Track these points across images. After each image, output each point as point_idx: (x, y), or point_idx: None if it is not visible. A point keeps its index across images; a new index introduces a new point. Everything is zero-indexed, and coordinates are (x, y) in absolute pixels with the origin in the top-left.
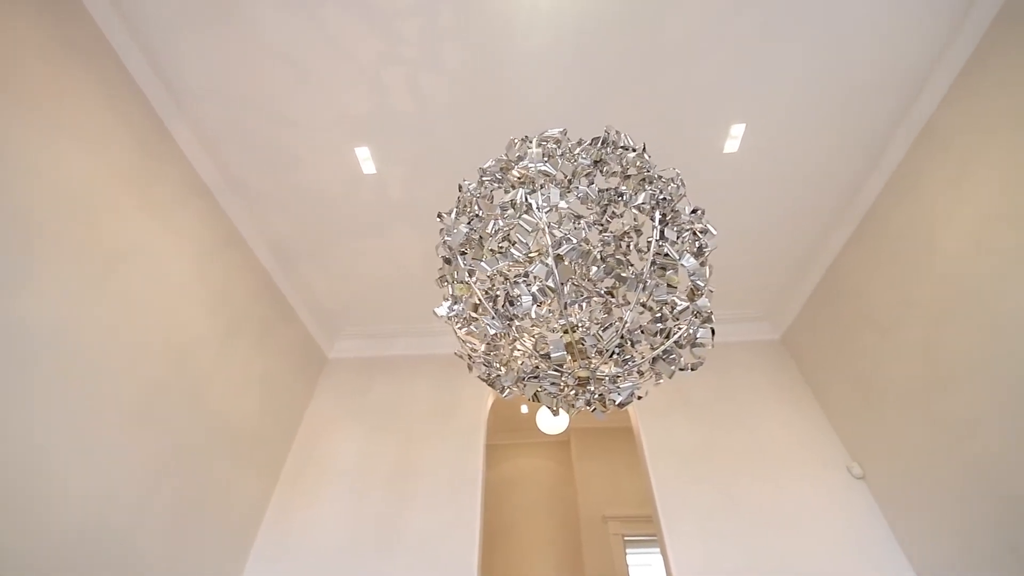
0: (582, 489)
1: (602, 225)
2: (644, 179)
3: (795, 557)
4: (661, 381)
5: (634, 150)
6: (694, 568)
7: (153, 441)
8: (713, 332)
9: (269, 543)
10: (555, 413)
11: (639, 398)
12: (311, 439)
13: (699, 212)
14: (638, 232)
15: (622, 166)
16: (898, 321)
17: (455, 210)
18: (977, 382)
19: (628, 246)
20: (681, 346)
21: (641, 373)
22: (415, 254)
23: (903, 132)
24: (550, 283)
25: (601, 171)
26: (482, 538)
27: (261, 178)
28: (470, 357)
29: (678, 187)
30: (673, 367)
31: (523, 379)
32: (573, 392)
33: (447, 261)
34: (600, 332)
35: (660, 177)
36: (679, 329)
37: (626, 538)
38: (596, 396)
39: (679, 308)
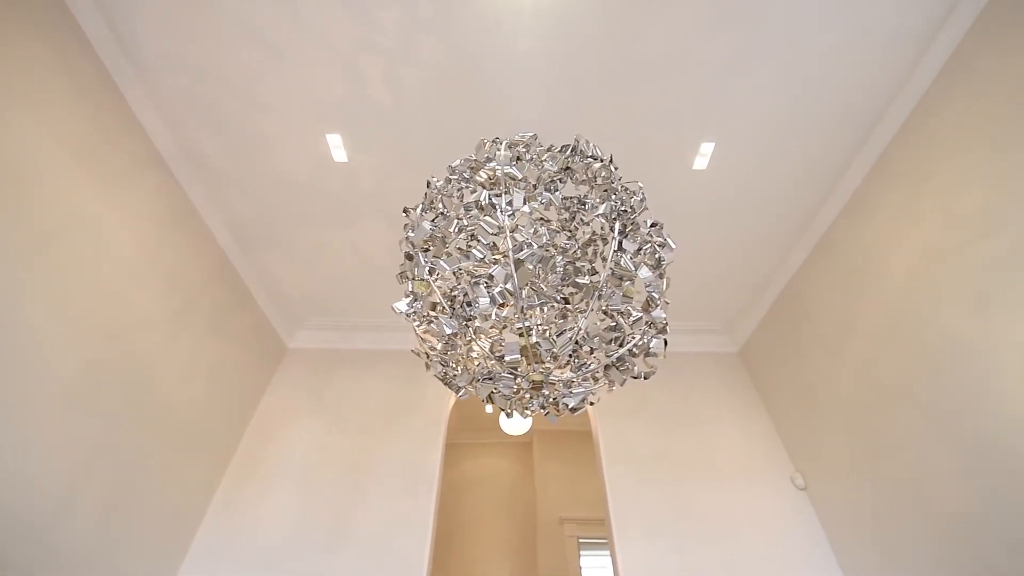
0: (541, 490)
1: (570, 232)
2: (607, 189)
3: (737, 563)
4: (614, 388)
5: (601, 160)
6: (641, 570)
7: (85, 426)
8: (666, 343)
9: (211, 537)
10: (509, 415)
11: (591, 403)
12: (264, 430)
13: (658, 226)
14: (604, 241)
15: (587, 175)
16: (843, 342)
17: (421, 206)
18: (908, 404)
19: (594, 253)
20: (635, 355)
21: (596, 379)
22: (383, 247)
23: (859, 163)
24: (509, 286)
25: (569, 179)
26: (436, 537)
27: (224, 156)
28: (427, 355)
29: (641, 200)
30: (625, 375)
31: (478, 380)
32: (528, 395)
33: (409, 257)
34: (555, 337)
35: (625, 189)
36: (633, 338)
37: (581, 540)
38: (550, 400)
39: (633, 318)
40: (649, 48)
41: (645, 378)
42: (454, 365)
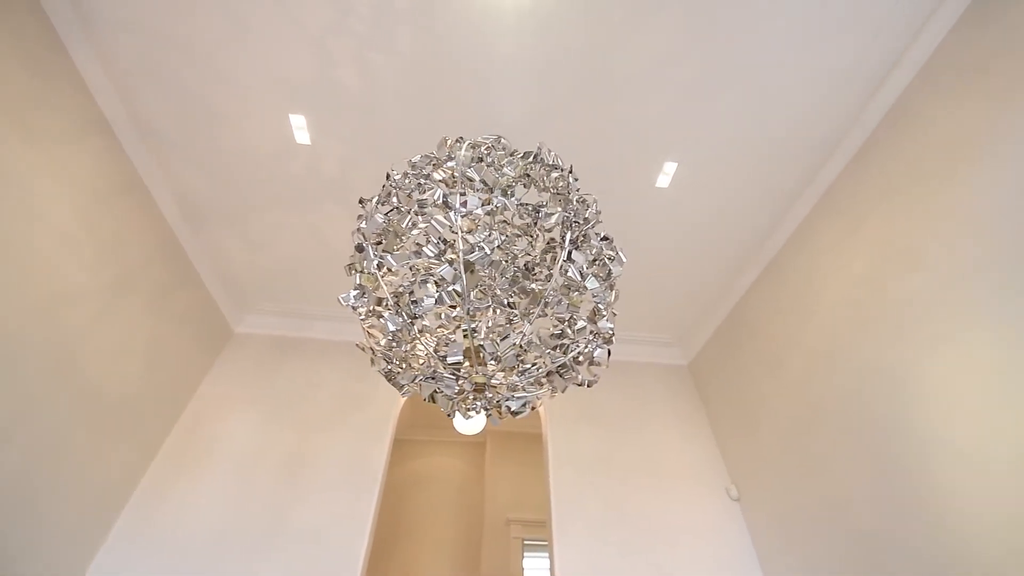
0: (490, 491)
1: (532, 237)
2: (562, 199)
3: (669, 568)
4: (556, 394)
5: (560, 169)
6: (575, 570)
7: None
8: (609, 353)
9: (133, 525)
10: (450, 416)
11: (533, 408)
12: (201, 416)
13: (609, 240)
14: (563, 248)
15: (544, 184)
16: (783, 362)
17: (377, 197)
18: (836, 425)
19: (552, 260)
20: (579, 362)
21: (540, 384)
22: (343, 235)
23: (808, 193)
24: (457, 287)
25: (527, 185)
26: (376, 534)
27: (178, 127)
28: (372, 350)
29: (596, 212)
30: (568, 382)
31: (422, 379)
32: (471, 397)
33: (359, 249)
34: (499, 341)
35: (583, 200)
36: (577, 346)
37: (525, 541)
38: (495, 403)
39: (578, 326)
40: (623, 64)
41: (588, 386)
42: (398, 362)
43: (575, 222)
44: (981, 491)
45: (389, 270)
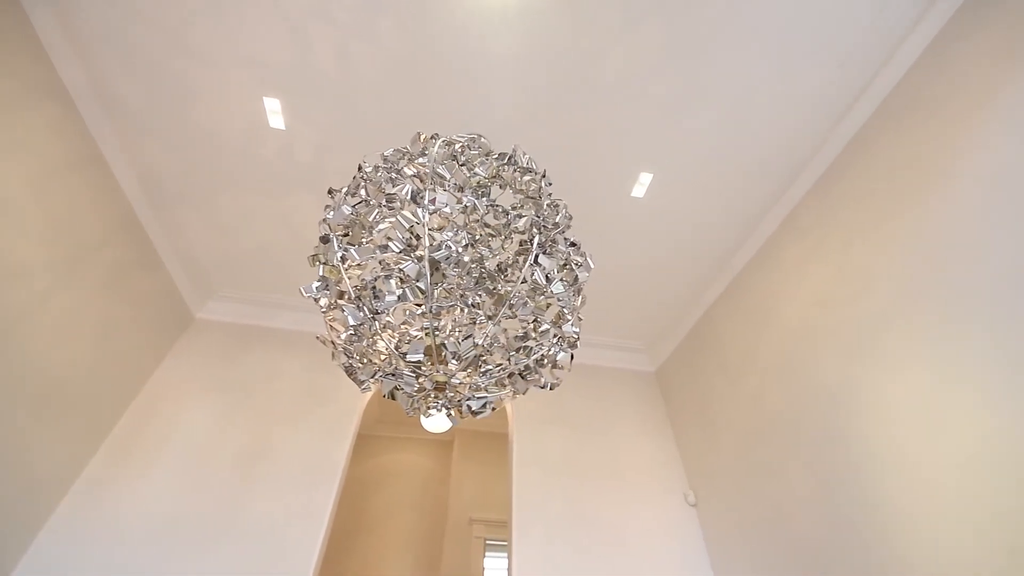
0: (455, 490)
1: (506, 237)
2: (533, 202)
3: (624, 570)
4: (518, 396)
5: (533, 172)
6: (533, 570)
7: None
8: (572, 356)
9: (75, 513)
10: (409, 413)
11: (494, 409)
12: (155, 402)
13: (577, 246)
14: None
15: (515, 186)
16: (742, 374)
17: (347, 188)
18: (785, 436)
19: (523, 261)
20: (543, 365)
21: (503, 385)
22: (314, 224)
23: (774, 212)
24: (420, 284)
25: (503, 186)
26: (335, 530)
27: (144, 102)
28: (333, 344)
29: (567, 217)
30: (530, 384)
31: (382, 376)
32: (432, 395)
33: (324, 240)
34: (460, 340)
35: (555, 205)
36: (541, 349)
37: (488, 541)
38: (456, 402)
39: (542, 329)
40: (606, 72)
41: (551, 388)
42: (358, 357)
43: (543, 226)
44: (917, 501)
45: (357, 264)
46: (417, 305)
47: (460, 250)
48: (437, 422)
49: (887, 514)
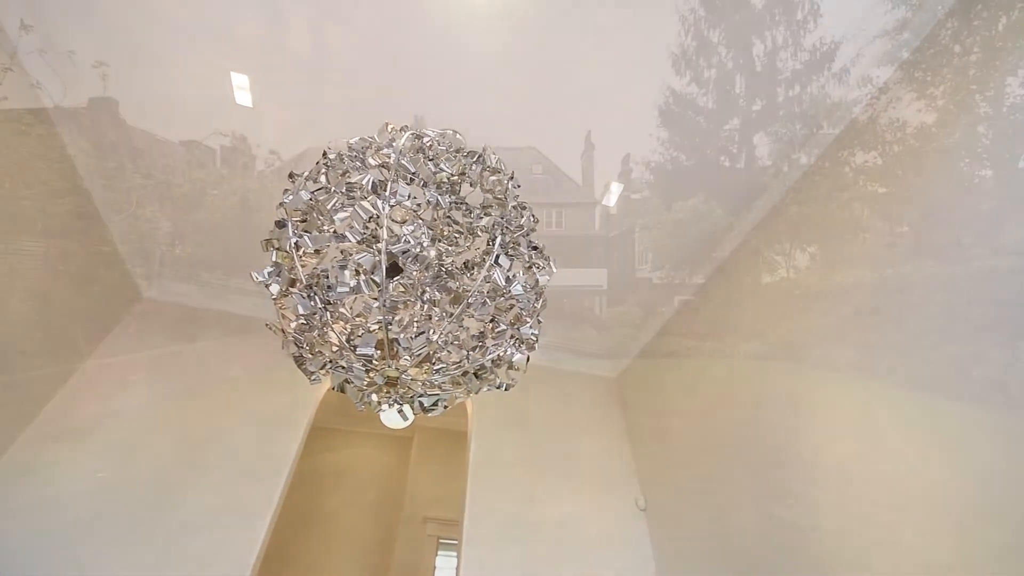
0: (411, 487)
1: (473, 236)
2: (499, 203)
3: (570, 572)
4: (471, 395)
5: (500, 172)
6: (479, 570)
7: None
8: (528, 358)
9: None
10: (359, 407)
11: (447, 406)
12: (94, 379)
13: (540, 249)
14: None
15: (483, 186)
16: (696, 387)
17: (307, 174)
18: (731, 448)
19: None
20: (498, 365)
21: (458, 383)
22: (273, 208)
23: (729, 239)
24: (376, 277)
25: (473, 184)
26: (282, 524)
27: (97, 54)
28: (284, 332)
29: (531, 220)
30: (483, 383)
31: (331, 367)
32: (383, 390)
33: (279, 224)
34: (412, 336)
35: (521, 207)
36: (497, 348)
37: (441, 540)
38: (408, 398)
39: (499, 330)
40: (578, 84)
41: (506, 389)
42: (307, 347)
43: (507, 227)
44: (849, 518)
45: (313, 251)
46: (373, 299)
47: (421, 245)
48: (394, 417)
49: (821, 526)
